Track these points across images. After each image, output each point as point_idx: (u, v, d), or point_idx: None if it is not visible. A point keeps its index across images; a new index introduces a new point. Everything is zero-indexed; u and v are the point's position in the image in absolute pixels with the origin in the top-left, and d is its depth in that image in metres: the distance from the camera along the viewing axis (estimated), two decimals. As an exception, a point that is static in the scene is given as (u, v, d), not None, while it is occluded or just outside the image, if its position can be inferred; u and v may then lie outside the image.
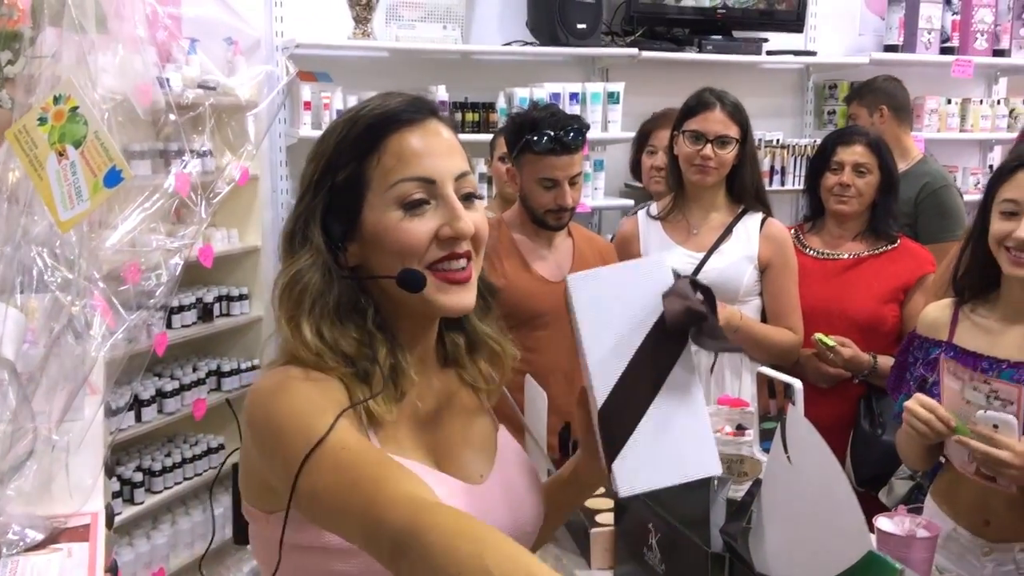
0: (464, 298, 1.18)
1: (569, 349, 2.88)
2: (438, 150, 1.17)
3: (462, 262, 1.16)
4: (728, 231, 2.64)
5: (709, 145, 2.57)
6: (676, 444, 1.11)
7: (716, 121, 2.59)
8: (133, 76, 2.98)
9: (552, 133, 2.43)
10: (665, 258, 1.15)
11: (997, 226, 1.87)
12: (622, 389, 1.10)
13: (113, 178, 1.33)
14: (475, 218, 1.17)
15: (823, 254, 2.80)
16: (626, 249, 2.77)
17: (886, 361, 2.60)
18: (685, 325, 1.12)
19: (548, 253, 2.60)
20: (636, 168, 3.42)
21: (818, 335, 2.58)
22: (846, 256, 2.79)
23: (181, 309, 3.31)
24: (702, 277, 2.60)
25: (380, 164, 1.15)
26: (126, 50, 3.01)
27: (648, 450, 1.09)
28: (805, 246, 2.84)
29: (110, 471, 1.53)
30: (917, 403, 1.86)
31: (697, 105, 2.64)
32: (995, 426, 1.75)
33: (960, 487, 1.94)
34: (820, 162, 2.82)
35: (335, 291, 1.15)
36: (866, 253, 2.79)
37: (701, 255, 2.62)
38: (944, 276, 2.39)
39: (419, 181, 1.15)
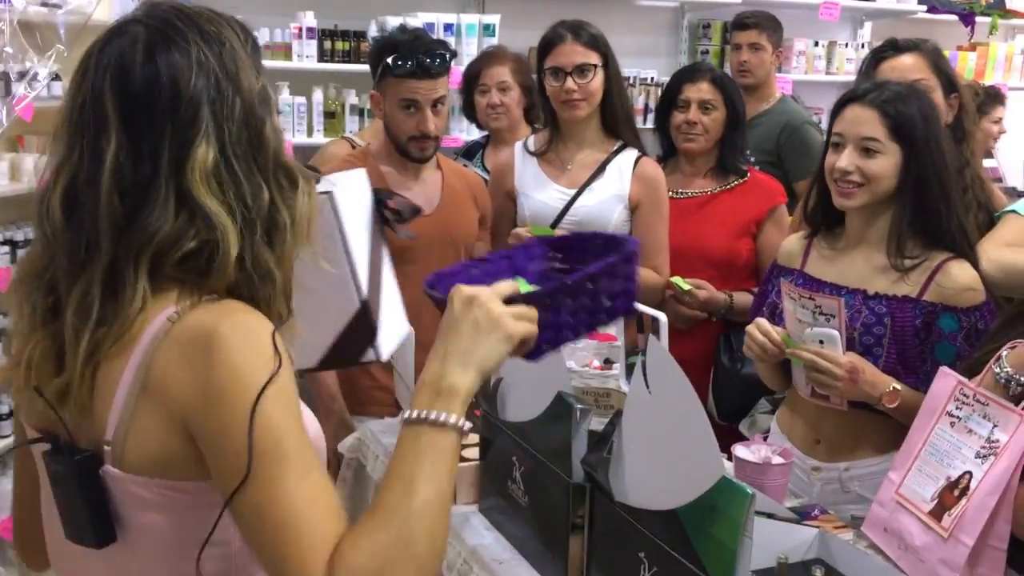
0: None
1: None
2: None
3: None
4: (601, 169, 2.61)
5: (569, 78, 2.54)
6: (393, 313, 1.45)
7: (571, 52, 2.55)
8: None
9: (413, 56, 2.38)
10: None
11: (827, 160, 1.94)
12: (372, 276, 1.32)
13: None
14: None
15: (677, 193, 2.80)
16: (500, 180, 2.75)
17: (742, 298, 2.66)
18: (415, 215, 1.52)
19: (416, 185, 2.55)
20: (469, 110, 3.34)
21: (674, 278, 2.60)
22: (698, 193, 2.81)
23: (27, 243, 3.11)
24: (572, 214, 2.59)
25: None
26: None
27: (386, 320, 1.39)
28: None
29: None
30: (754, 327, 1.95)
31: (551, 40, 2.59)
32: (821, 342, 1.82)
33: (797, 410, 2.05)
34: (667, 101, 2.82)
35: None
36: (717, 189, 2.80)
37: (573, 191, 2.60)
38: (797, 219, 2.46)
39: None
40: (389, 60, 2.40)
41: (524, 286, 1.20)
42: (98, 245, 1.00)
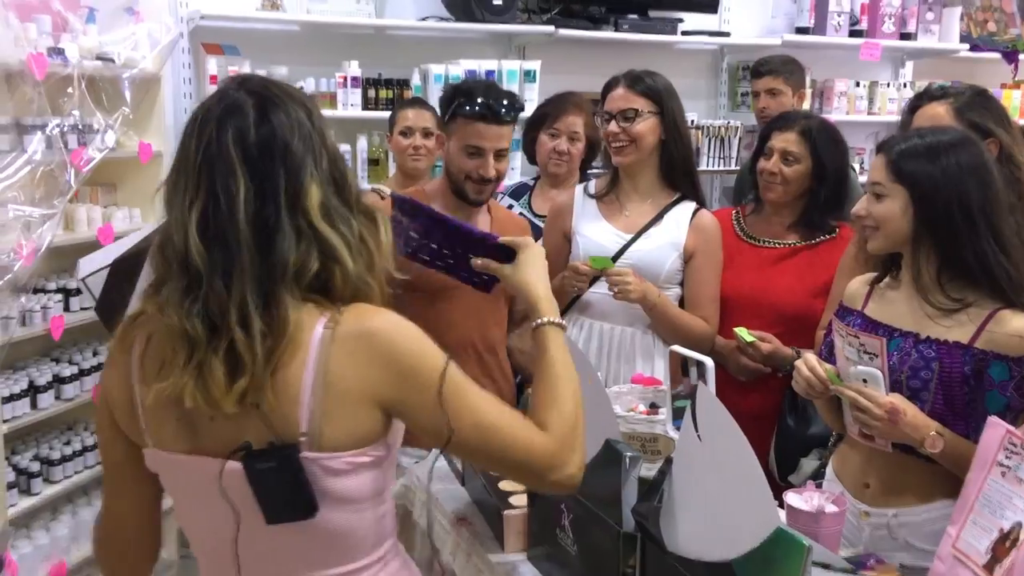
0: None
1: (480, 324, 2.85)
2: None
3: None
4: (659, 217, 2.64)
5: (612, 121, 2.57)
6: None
7: (619, 98, 2.58)
8: (26, 45, 2.84)
9: (485, 100, 2.41)
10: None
11: None
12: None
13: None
14: None
15: (760, 241, 2.74)
16: (557, 220, 2.78)
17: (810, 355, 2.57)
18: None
19: None
20: (529, 146, 3.36)
21: (738, 329, 2.51)
22: (780, 244, 2.72)
23: (80, 291, 3.17)
24: (627, 258, 2.60)
25: None
26: (20, 18, 2.86)
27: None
28: (743, 230, 2.80)
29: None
30: (802, 362, 1.93)
31: (608, 85, 2.65)
32: (864, 380, 1.80)
33: (849, 453, 2.02)
34: (760, 146, 2.77)
35: None
36: (801, 243, 2.70)
37: (629, 236, 2.62)
38: (849, 254, 2.43)
39: None
40: (461, 100, 2.43)
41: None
42: (243, 267, 1.21)
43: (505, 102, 2.43)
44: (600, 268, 2.52)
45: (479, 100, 2.41)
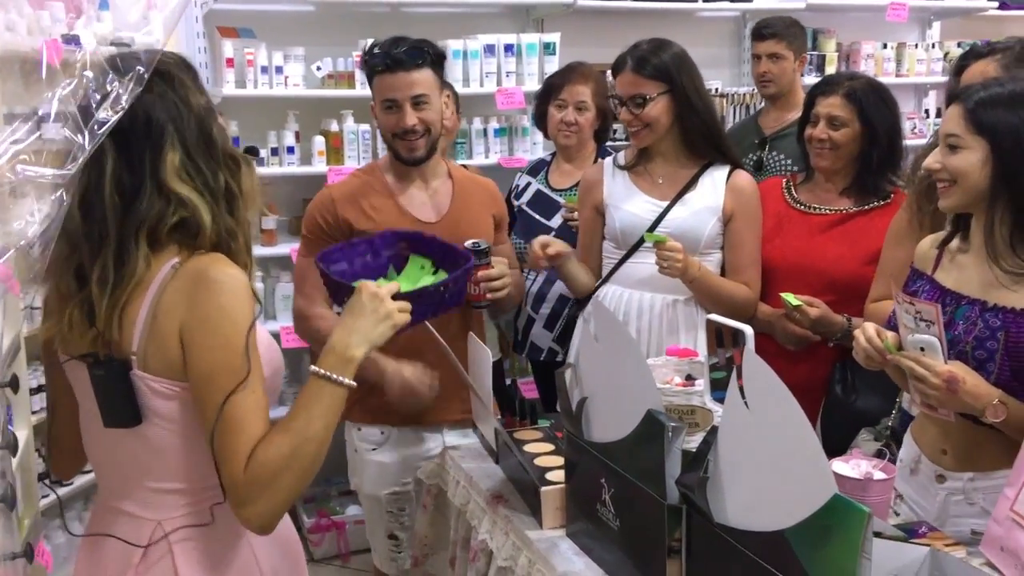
0: None
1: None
2: None
3: None
4: (693, 181, 2.55)
5: (624, 108, 2.51)
6: None
7: (628, 83, 2.50)
8: (39, 33, 2.80)
9: (384, 50, 2.32)
10: None
11: None
12: None
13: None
14: None
15: (809, 208, 2.66)
16: (588, 194, 2.70)
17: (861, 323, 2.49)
18: None
19: (421, 194, 2.47)
20: (541, 121, 3.31)
21: (784, 294, 2.43)
22: (832, 211, 2.63)
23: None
24: (664, 226, 2.53)
25: None
26: (33, 7, 2.83)
27: None
28: (794, 197, 2.72)
29: (15, 448, 1.45)
30: (860, 332, 1.87)
31: (617, 65, 2.55)
32: (921, 349, 1.74)
33: (926, 421, 1.95)
34: (806, 113, 2.68)
35: None
36: (854, 209, 2.60)
37: (664, 203, 2.55)
38: (899, 221, 2.34)
39: None
40: (365, 58, 2.37)
41: (405, 287, 1.74)
42: (107, 232, 1.39)
43: (410, 49, 2.31)
44: (654, 243, 2.43)
45: (381, 52, 2.32)
